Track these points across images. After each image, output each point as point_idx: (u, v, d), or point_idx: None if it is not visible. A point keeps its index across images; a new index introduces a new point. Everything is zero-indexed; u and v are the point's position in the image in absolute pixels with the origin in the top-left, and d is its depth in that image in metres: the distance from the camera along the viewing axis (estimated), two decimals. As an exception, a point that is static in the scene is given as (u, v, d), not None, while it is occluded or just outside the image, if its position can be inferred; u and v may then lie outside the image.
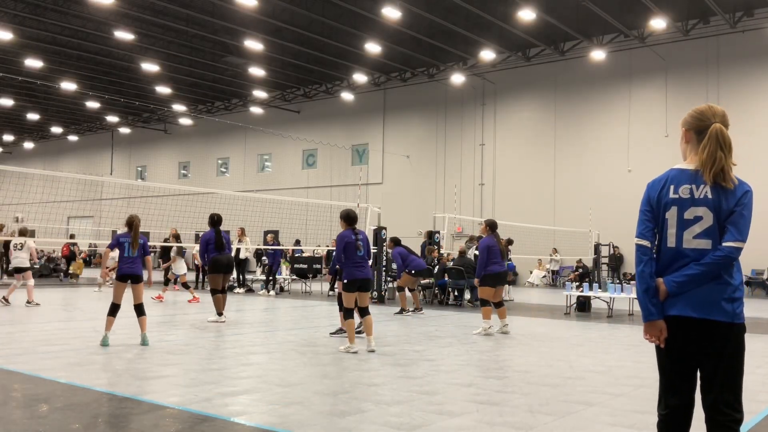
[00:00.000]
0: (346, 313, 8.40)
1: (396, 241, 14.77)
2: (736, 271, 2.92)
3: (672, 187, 2.97)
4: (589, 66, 27.42)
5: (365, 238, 8.55)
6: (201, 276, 21.15)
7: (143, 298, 8.86)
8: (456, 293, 16.72)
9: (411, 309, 14.05)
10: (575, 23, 25.06)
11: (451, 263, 16.66)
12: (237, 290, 19.62)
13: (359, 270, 8.33)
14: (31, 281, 14.37)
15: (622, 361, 8.04)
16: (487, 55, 28.09)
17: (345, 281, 8.35)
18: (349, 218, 8.54)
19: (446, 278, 16.54)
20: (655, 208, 3.01)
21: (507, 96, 30.36)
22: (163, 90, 35.64)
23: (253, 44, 27.65)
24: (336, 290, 19.28)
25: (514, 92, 30.15)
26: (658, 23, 23.77)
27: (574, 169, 27.59)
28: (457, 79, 30.29)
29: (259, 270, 22.68)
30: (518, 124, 29.97)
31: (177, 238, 17.98)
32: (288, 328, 10.98)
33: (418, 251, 17.55)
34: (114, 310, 8.64)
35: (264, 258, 20.10)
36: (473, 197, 30.67)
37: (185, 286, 16.33)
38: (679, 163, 3.11)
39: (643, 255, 3.01)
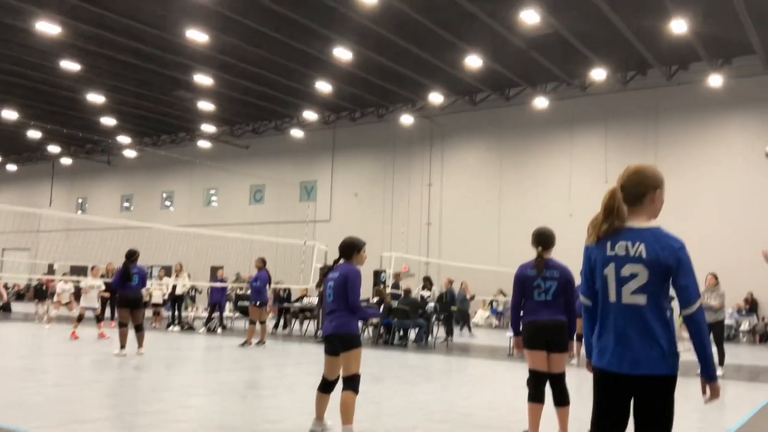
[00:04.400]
0: (320, 382, 5.84)
1: (265, 261, 15.13)
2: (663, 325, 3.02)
3: (609, 245, 3.07)
4: (533, 112, 28.25)
5: (341, 276, 5.68)
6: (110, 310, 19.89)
7: None
8: (401, 333, 16.70)
9: (255, 342, 14.31)
10: (520, 71, 25.87)
11: (396, 303, 16.67)
12: (173, 328, 19.06)
13: (327, 321, 5.75)
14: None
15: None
16: (436, 98, 28.71)
17: None
18: (339, 247, 5.93)
19: (391, 318, 16.53)
20: (593, 265, 3.13)
21: (454, 138, 30.95)
22: (108, 121, 35.04)
23: (203, 79, 27.57)
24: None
25: (461, 135, 30.77)
26: (598, 74, 24.77)
27: (518, 211, 28.16)
28: (406, 120, 30.78)
29: (201, 307, 22.25)
30: (465, 165, 30.52)
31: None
32: (229, 368, 10.76)
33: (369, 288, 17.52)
34: None
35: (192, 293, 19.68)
36: (420, 236, 30.91)
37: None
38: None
39: (586, 313, 3.23)
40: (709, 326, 11.95)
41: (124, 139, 39.01)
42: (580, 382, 9.29)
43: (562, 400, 5.63)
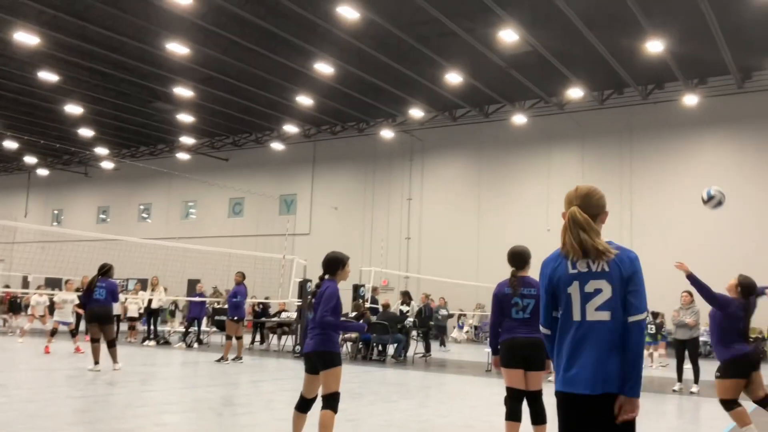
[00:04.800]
0: (298, 401, 5.74)
1: (244, 276, 15.07)
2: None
3: (569, 263, 3.05)
4: (511, 128, 28.51)
5: (323, 293, 5.60)
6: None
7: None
8: (380, 348, 16.66)
9: (232, 357, 14.18)
10: (499, 88, 26.13)
11: (375, 318, 16.64)
12: (148, 343, 18.82)
13: (307, 340, 5.65)
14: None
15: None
16: (416, 113, 28.89)
17: None
18: (323, 262, 5.83)
19: (370, 333, 16.48)
20: (554, 289, 3.08)
21: (434, 153, 31.11)
22: (86, 132, 34.73)
23: (183, 91, 27.48)
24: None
25: (441, 150, 30.94)
26: (575, 92, 25.11)
27: (497, 226, 28.33)
28: (387, 134, 30.89)
29: (176, 321, 22.03)
30: (444, 180, 30.67)
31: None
32: (205, 385, 10.66)
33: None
34: None
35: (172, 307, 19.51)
36: (399, 251, 30.93)
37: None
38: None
39: (548, 344, 3.17)
40: (684, 343, 12.16)
41: (101, 150, 38.68)
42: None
43: (538, 418, 5.64)
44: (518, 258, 5.83)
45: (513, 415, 5.62)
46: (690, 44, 21.22)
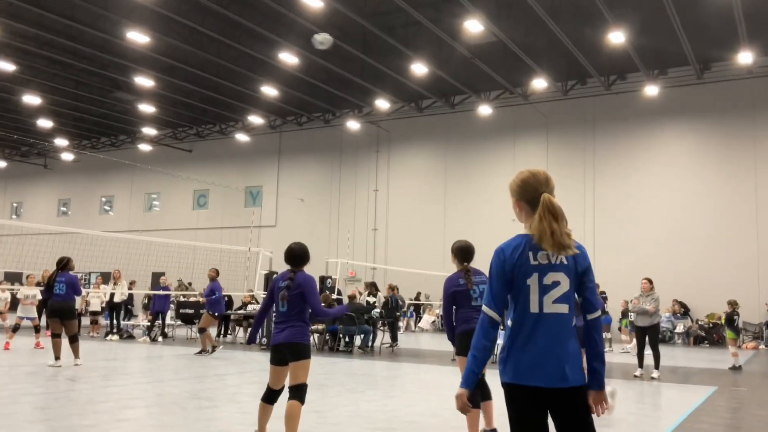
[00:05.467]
0: (264, 392, 5.70)
1: (218, 272, 15.38)
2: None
3: (531, 254, 2.97)
4: (477, 119, 28.66)
5: (302, 285, 5.61)
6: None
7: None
8: (347, 339, 16.66)
9: (209, 349, 14.42)
10: (464, 79, 26.21)
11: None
12: (111, 337, 18.54)
13: (276, 332, 5.61)
14: None
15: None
16: (382, 104, 28.82)
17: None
18: (287, 255, 5.83)
19: (337, 324, 16.47)
20: (510, 277, 2.98)
21: (400, 144, 31.11)
22: (45, 124, 33.92)
23: (144, 81, 26.98)
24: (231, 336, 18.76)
25: (408, 141, 30.96)
26: (539, 83, 25.32)
27: (463, 217, 28.49)
28: (353, 125, 30.79)
29: (141, 315, 21.71)
30: (411, 171, 30.71)
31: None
32: (170, 379, 10.53)
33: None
34: None
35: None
36: (366, 242, 30.93)
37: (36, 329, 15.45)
38: (526, 229, 3.12)
39: (491, 327, 2.97)
40: (645, 330, 12.37)
41: (61, 141, 37.84)
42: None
43: (486, 395, 6.31)
44: (470, 252, 6.37)
45: (474, 403, 5.72)
46: (651, 36, 21.55)
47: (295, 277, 5.66)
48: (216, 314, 14.84)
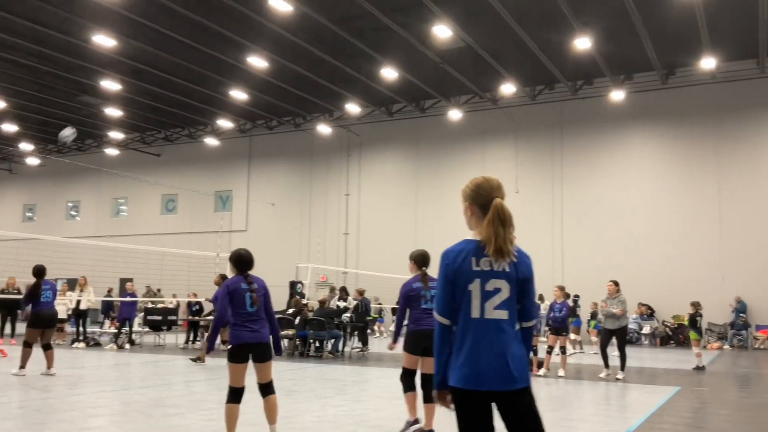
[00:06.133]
0: (230, 394, 5.98)
1: (224, 277, 14.88)
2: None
3: (473, 260, 3.03)
4: (447, 123, 28.82)
5: (263, 288, 6.23)
6: (11, 326, 19.07)
7: None
8: (317, 344, 16.62)
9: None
10: (434, 83, 26.35)
11: (312, 314, 16.59)
12: (77, 345, 18.23)
13: (250, 331, 5.98)
14: None
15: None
16: (353, 108, 28.83)
17: (230, 347, 6.04)
18: (241, 261, 6.29)
19: (307, 329, 16.42)
20: (454, 281, 3.04)
21: (371, 148, 31.14)
22: (9, 128, 33.28)
23: (111, 84, 26.63)
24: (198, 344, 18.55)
25: (379, 145, 31.00)
26: (508, 88, 25.56)
27: (435, 220, 28.59)
28: (324, 129, 30.74)
29: (107, 322, 21.41)
30: (382, 175, 30.75)
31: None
32: (136, 387, 10.40)
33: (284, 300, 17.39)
34: None
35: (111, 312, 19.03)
36: (337, 246, 30.88)
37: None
38: (471, 234, 3.19)
39: (443, 333, 3.05)
40: (612, 332, 12.56)
41: (26, 146, 37.15)
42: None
43: (431, 397, 6.59)
44: (427, 259, 7.04)
45: (411, 387, 6.85)
46: (616, 42, 21.91)
47: (253, 280, 6.19)
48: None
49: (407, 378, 6.88)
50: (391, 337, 7.62)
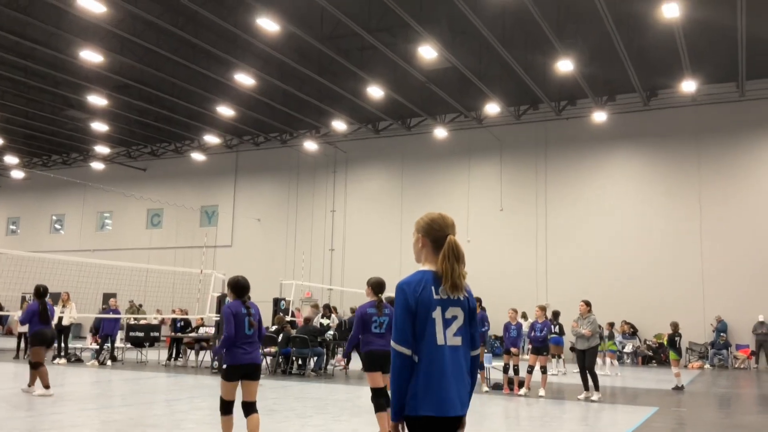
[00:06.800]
0: (224, 407, 6.62)
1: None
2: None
3: (433, 288, 3.17)
4: (433, 141, 29.04)
5: (258, 313, 6.93)
6: (24, 345, 19.33)
7: None
8: (300, 362, 16.61)
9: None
10: (420, 102, 26.60)
11: (295, 331, 16.60)
12: (58, 361, 18.09)
13: (245, 353, 6.61)
14: None
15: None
16: (339, 125, 29.00)
17: (225, 367, 6.63)
18: (238, 287, 6.93)
19: (290, 347, 16.42)
20: (416, 311, 3.13)
21: (358, 165, 31.29)
22: (-7, 140, 33.16)
23: (97, 99, 26.63)
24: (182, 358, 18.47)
25: (365, 162, 31.15)
26: (492, 108, 25.84)
27: (419, 238, 28.67)
28: (310, 146, 30.86)
29: (89, 338, 21.26)
30: (368, 192, 30.88)
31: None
32: (117, 405, 10.38)
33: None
34: None
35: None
36: (323, 263, 30.89)
37: None
38: (420, 266, 3.35)
39: (404, 364, 3.11)
40: (582, 353, 12.66)
41: (11, 159, 36.97)
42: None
43: (387, 406, 7.08)
44: (383, 287, 7.75)
45: (381, 408, 7.27)
46: (599, 64, 22.25)
47: (251, 305, 6.87)
48: None
49: (376, 398, 7.32)
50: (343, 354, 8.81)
